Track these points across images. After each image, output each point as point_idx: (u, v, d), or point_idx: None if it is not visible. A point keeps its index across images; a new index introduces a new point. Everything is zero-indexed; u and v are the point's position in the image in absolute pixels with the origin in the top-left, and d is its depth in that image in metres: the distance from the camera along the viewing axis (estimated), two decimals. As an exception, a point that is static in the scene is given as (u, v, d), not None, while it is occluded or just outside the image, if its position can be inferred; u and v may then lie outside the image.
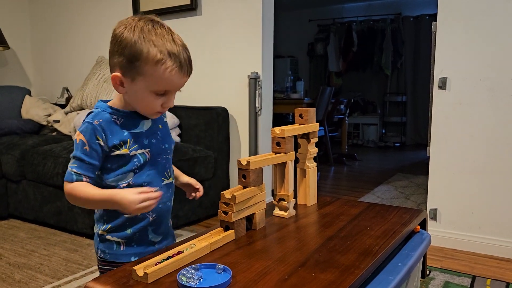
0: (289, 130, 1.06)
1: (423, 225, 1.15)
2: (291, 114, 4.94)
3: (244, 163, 0.94)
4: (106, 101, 0.95)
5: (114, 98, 0.95)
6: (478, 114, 2.00)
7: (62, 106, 3.27)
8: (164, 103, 0.90)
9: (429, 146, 2.14)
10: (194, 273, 0.72)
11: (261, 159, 0.98)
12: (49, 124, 3.05)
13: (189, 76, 0.90)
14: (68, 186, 0.88)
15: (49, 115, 3.09)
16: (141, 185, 0.92)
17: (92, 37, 3.37)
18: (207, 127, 2.61)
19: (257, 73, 2.56)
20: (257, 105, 2.57)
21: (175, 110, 2.70)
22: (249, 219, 0.99)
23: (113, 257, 0.95)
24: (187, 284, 0.69)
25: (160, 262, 0.76)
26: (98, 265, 1.00)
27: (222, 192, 0.90)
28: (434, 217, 2.14)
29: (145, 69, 0.84)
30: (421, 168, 4.25)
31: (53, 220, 2.33)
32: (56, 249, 2.06)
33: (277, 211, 1.10)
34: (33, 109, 3.12)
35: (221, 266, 0.75)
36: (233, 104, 2.69)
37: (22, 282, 1.69)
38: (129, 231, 0.95)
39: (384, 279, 0.81)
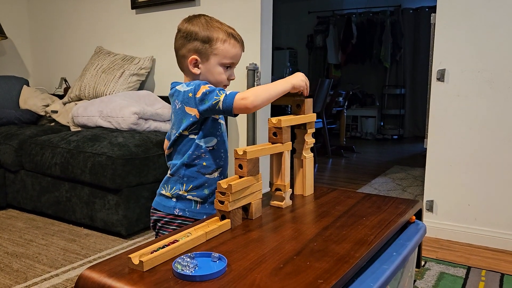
0: (286, 120, 1.06)
1: (419, 215, 1.16)
2: (289, 106, 4.93)
3: (240, 152, 0.94)
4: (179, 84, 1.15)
5: (185, 83, 1.14)
6: (476, 106, 2.00)
7: (60, 97, 3.26)
8: (230, 76, 1.15)
9: (427, 138, 2.15)
10: (190, 262, 0.73)
11: (257, 149, 0.98)
12: (47, 115, 3.04)
13: (243, 51, 1.17)
14: (241, 95, 1.03)
15: (47, 106, 3.08)
16: (220, 150, 1.14)
17: (90, 27, 3.35)
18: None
19: (255, 64, 2.55)
20: (255, 97, 2.56)
21: (173, 101, 2.69)
22: (246, 208, 0.99)
23: (192, 214, 1.12)
24: (182, 272, 0.70)
25: (155, 251, 0.77)
26: (156, 221, 1.16)
27: (218, 182, 0.91)
28: (430, 208, 2.15)
29: (217, 46, 1.10)
30: (419, 160, 4.26)
31: (51, 210, 2.33)
32: (54, 239, 2.07)
33: (273, 201, 1.10)
34: (31, 99, 3.11)
35: (216, 254, 0.76)
36: (231, 95, 2.68)
37: (20, 271, 1.70)
38: (206, 191, 1.13)
39: (378, 268, 0.82)
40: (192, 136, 1.11)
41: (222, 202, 0.91)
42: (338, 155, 4.70)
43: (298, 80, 1.09)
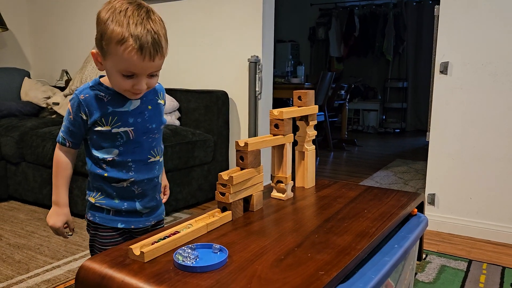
0: (287, 112, 1.05)
1: (421, 208, 1.15)
2: (291, 99, 4.92)
3: (242, 144, 0.94)
4: (102, 77, 0.99)
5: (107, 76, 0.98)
6: (479, 99, 1.99)
7: (62, 89, 3.25)
8: (135, 85, 0.90)
9: (429, 132, 2.14)
10: (191, 253, 0.72)
11: (259, 140, 0.98)
12: (49, 107, 3.04)
13: (153, 61, 0.87)
14: (56, 148, 1.01)
15: (48, 98, 3.07)
16: (126, 162, 0.98)
17: (91, 19, 3.32)
18: (207, 111, 2.60)
19: (257, 56, 2.54)
20: (257, 89, 2.55)
21: (175, 93, 2.69)
22: (247, 200, 0.99)
23: (102, 221, 1.01)
24: (183, 263, 0.70)
25: (156, 242, 0.77)
26: (87, 228, 1.07)
27: (220, 174, 0.90)
28: (432, 202, 2.14)
29: (110, 48, 0.86)
30: (421, 154, 4.25)
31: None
32: (56, 230, 2.07)
33: (275, 193, 1.10)
34: (32, 92, 3.11)
35: (217, 246, 0.76)
36: (233, 87, 2.67)
37: (22, 262, 1.70)
38: (116, 200, 1.00)
39: (380, 260, 0.82)
40: (89, 144, 0.99)
41: (223, 194, 0.91)
42: (340, 149, 4.70)
43: (50, 220, 1.01)
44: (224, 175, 0.90)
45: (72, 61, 3.46)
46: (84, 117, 0.95)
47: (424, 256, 1.81)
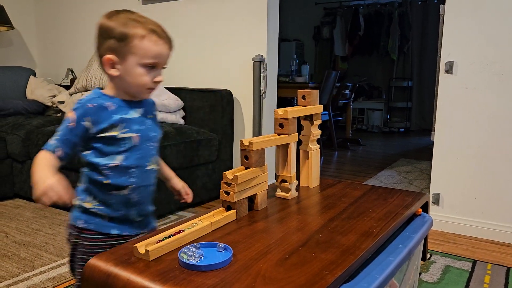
0: (292, 111, 1.06)
1: (425, 208, 1.15)
2: (296, 98, 4.91)
3: (246, 143, 0.94)
4: (100, 89, 1.01)
5: (107, 88, 1.01)
6: (484, 99, 1.98)
7: (67, 87, 3.26)
8: (155, 77, 0.97)
9: (434, 131, 2.13)
10: (195, 251, 0.73)
11: (263, 140, 0.98)
12: (54, 105, 3.06)
13: (171, 49, 1.00)
14: (41, 151, 0.95)
15: (54, 96, 3.09)
16: (128, 167, 0.98)
17: (97, 18, 3.33)
18: (211, 110, 2.61)
19: (262, 55, 2.54)
20: (261, 88, 2.56)
21: (180, 92, 2.69)
22: (251, 199, 0.99)
23: (96, 227, 1.00)
24: (188, 262, 0.70)
25: (161, 240, 0.77)
26: (70, 235, 1.03)
27: (224, 173, 0.91)
28: (436, 201, 2.14)
29: (135, 44, 0.93)
30: (425, 153, 4.24)
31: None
32: (61, 228, 2.08)
33: (279, 192, 1.10)
34: (37, 90, 3.12)
35: (222, 245, 0.76)
36: (238, 86, 2.68)
37: (28, 260, 1.71)
38: (113, 207, 1.00)
39: (384, 259, 0.82)
40: (85, 152, 0.98)
41: (227, 193, 0.91)
42: (344, 148, 4.69)
43: (37, 192, 0.86)
44: (229, 174, 0.90)
45: (77, 60, 3.47)
46: (88, 125, 0.94)
47: (428, 256, 1.81)
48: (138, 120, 1.00)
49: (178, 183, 1.18)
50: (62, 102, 2.98)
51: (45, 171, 0.90)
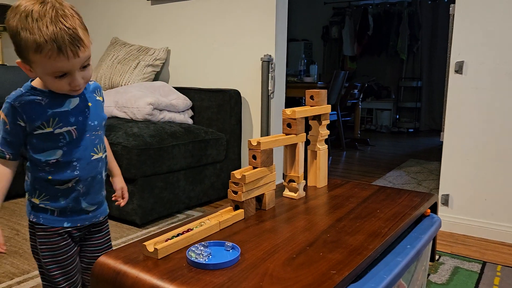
0: (300, 112, 1.06)
1: (434, 209, 1.14)
2: (304, 98, 4.90)
3: (254, 143, 0.94)
4: (32, 80, 0.95)
5: (38, 79, 0.94)
6: (495, 99, 1.96)
7: (77, 87, 3.29)
8: (70, 83, 0.89)
9: (443, 132, 2.12)
10: (203, 250, 0.73)
11: (271, 140, 0.98)
12: (64, 105, 3.09)
13: (78, 56, 0.85)
14: None
15: (64, 96, 3.12)
16: (70, 161, 0.95)
17: (106, 18, 3.37)
18: (220, 110, 2.62)
19: (270, 55, 2.54)
20: (269, 88, 2.56)
21: (188, 92, 2.71)
22: (259, 199, 0.99)
23: (47, 221, 0.98)
24: (196, 260, 0.71)
25: (170, 239, 0.78)
26: (29, 230, 1.02)
27: (232, 172, 0.91)
28: (445, 202, 2.12)
29: (30, 57, 0.85)
30: (435, 154, 4.21)
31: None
32: (71, 226, 2.10)
33: (287, 192, 1.11)
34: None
35: (230, 244, 0.77)
36: (246, 86, 2.68)
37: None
38: (61, 201, 0.97)
39: (392, 260, 0.82)
40: (28, 148, 0.96)
41: (235, 192, 0.92)
42: (352, 148, 4.67)
43: None
44: (237, 173, 0.91)
45: (87, 59, 3.50)
46: (23, 124, 0.91)
47: (437, 257, 1.80)
48: (74, 111, 0.94)
49: (118, 183, 1.14)
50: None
51: None
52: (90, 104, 0.99)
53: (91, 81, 1.01)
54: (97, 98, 1.02)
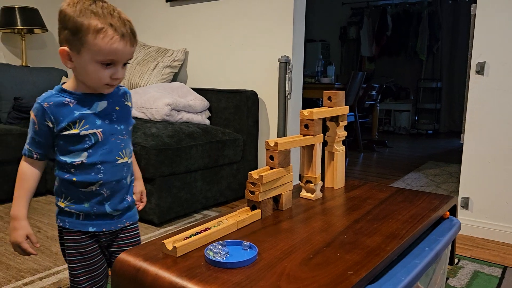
0: (317, 113, 1.06)
1: (453, 212, 1.13)
2: (321, 99, 4.89)
3: (272, 144, 0.95)
4: (62, 84, 0.98)
5: (69, 81, 0.98)
6: (517, 100, 1.92)
7: (97, 88, 3.36)
8: (113, 74, 0.92)
9: (463, 133, 2.08)
10: (221, 249, 0.74)
11: (289, 140, 0.98)
12: (85, 105, 3.15)
13: (133, 47, 0.92)
14: (22, 160, 0.98)
15: (85, 97, 3.18)
16: (94, 164, 0.96)
17: (125, 20, 3.42)
18: (237, 110, 2.63)
19: (287, 56, 2.54)
20: (286, 89, 2.56)
21: (206, 93, 2.73)
22: (276, 199, 1.00)
23: (72, 225, 0.99)
24: (214, 259, 0.72)
25: (188, 237, 0.79)
26: (58, 234, 1.04)
27: (250, 172, 0.92)
28: (465, 205, 2.09)
29: (88, 39, 0.87)
30: (455, 156, 4.14)
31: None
32: (91, 224, 2.15)
33: (304, 193, 1.11)
34: (69, 90, 3.22)
35: (247, 243, 0.77)
36: (263, 87, 2.69)
37: (59, 254, 1.78)
38: (86, 204, 0.98)
39: (410, 262, 0.81)
40: (56, 149, 0.98)
41: (253, 193, 0.93)
42: (370, 150, 4.63)
43: (11, 237, 0.96)
44: (254, 174, 0.92)
45: (107, 61, 3.56)
46: (50, 125, 0.93)
47: (456, 261, 1.77)
48: (101, 114, 0.96)
49: (138, 186, 1.15)
50: (93, 102, 3.06)
51: (20, 206, 0.96)
52: (117, 108, 1.00)
53: (121, 85, 1.04)
54: (126, 103, 1.04)
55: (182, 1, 3.04)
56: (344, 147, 1.21)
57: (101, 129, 0.96)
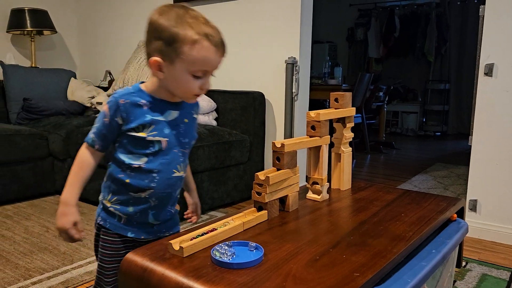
0: (324, 114, 1.06)
1: (461, 214, 1.12)
2: (328, 100, 4.88)
3: (278, 145, 0.95)
4: (142, 83, 0.97)
5: (149, 82, 0.96)
6: (526, 102, 1.91)
7: (105, 89, 3.38)
8: (203, 85, 0.91)
9: (471, 135, 2.07)
10: (227, 250, 0.75)
11: (295, 142, 0.99)
12: (93, 106, 3.17)
13: (224, 56, 0.91)
14: (83, 147, 0.97)
15: (93, 97, 3.21)
16: (151, 171, 0.94)
17: (133, 22, 3.45)
18: (244, 111, 2.64)
19: (294, 58, 2.54)
20: (293, 90, 2.56)
21: (212, 94, 2.74)
22: (283, 201, 1.00)
23: (112, 227, 0.99)
24: (220, 259, 0.72)
25: (195, 238, 0.79)
26: (95, 231, 1.04)
27: (256, 173, 0.92)
28: (473, 208, 2.07)
29: (184, 50, 0.86)
30: (463, 158, 4.10)
31: (96, 198, 2.42)
32: (98, 224, 2.16)
33: (310, 194, 1.11)
34: (78, 91, 3.25)
35: (253, 244, 0.77)
36: (270, 88, 2.69)
37: (67, 254, 1.79)
38: (131, 209, 0.97)
39: (416, 264, 0.81)
40: (117, 146, 0.97)
41: (259, 193, 0.93)
42: (377, 151, 4.61)
43: (58, 222, 0.95)
44: (261, 175, 0.92)
45: (115, 62, 3.59)
46: (120, 122, 0.93)
47: (464, 263, 1.76)
48: (171, 124, 0.95)
49: (193, 198, 1.14)
50: (100, 103, 3.09)
51: (73, 193, 0.96)
52: (186, 120, 0.99)
53: None
54: (194, 115, 1.02)
55: (189, 3, 3.05)
56: (351, 148, 1.21)
57: (167, 139, 0.94)
